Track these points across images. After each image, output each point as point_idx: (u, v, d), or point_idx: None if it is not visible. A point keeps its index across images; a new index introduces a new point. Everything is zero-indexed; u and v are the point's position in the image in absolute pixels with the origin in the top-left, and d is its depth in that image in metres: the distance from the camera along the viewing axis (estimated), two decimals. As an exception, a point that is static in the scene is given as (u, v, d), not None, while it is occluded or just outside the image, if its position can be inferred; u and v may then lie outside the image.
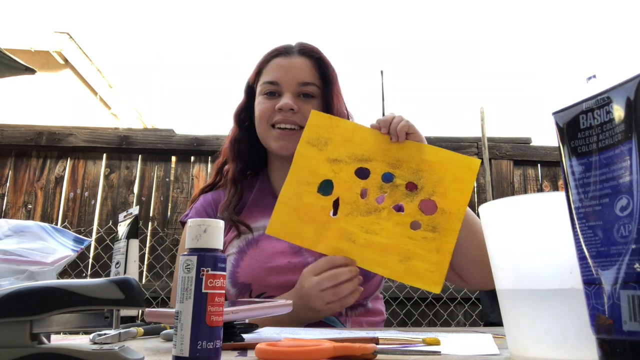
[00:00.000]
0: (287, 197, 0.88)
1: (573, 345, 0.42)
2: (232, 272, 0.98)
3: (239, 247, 1.00)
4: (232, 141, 1.11)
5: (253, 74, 1.10)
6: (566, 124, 0.39)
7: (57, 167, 2.48)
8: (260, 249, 0.98)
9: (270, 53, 1.08)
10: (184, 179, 2.48)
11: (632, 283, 0.33)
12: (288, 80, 1.03)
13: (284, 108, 1.01)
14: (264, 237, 0.99)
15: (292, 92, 1.03)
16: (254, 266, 0.96)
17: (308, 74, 1.05)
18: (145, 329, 0.68)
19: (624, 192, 0.34)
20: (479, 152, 2.52)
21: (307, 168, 0.89)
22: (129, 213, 0.89)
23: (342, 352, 0.47)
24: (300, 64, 1.05)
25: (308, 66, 1.05)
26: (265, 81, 1.05)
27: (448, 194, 0.87)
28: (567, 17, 42.86)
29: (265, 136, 1.05)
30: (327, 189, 0.89)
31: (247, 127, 1.11)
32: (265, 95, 1.05)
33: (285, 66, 1.05)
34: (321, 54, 1.08)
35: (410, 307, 2.31)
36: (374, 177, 0.88)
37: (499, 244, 0.50)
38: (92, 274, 2.31)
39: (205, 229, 0.45)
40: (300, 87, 1.04)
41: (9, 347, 0.41)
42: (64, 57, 5.37)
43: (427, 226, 0.86)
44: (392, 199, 0.88)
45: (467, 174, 0.87)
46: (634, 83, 0.35)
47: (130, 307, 0.44)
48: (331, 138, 0.90)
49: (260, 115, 1.04)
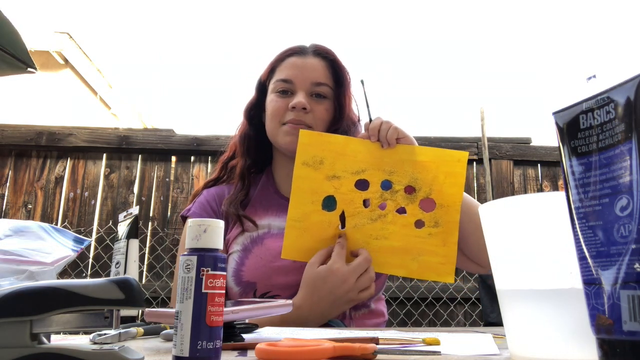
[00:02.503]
0: (294, 220, 0.90)
1: (573, 345, 0.42)
2: (236, 270, 0.97)
3: (243, 244, 1.00)
4: (242, 136, 1.12)
5: (266, 71, 1.10)
6: (566, 124, 0.39)
7: (57, 167, 2.48)
8: (266, 247, 0.98)
9: (285, 52, 1.09)
10: (184, 179, 2.48)
11: (632, 283, 0.33)
12: (302, 79, 1.04)
13: (297, 106, 1.01)
14: (269, 236, 0.99)
15: (306, 91, 1.04)
16: (259, 265, 0.96)
17: (322, 74, 1.05)
18: (145, 329, 0.68)
19: (624, 192, 0.34)
20: (479, 152, 2.52)
21: (307, 188, 0.91)
22: (129, 213, 0.89)
23: (342, 352, 0.47)
24: (315, 64, 1.06)
25: (322, 67, 1.06)
26: (279, 79, 1.06)
27: (444, 189, 0.91)
28: (567, 17, 42.84)
29: (275, 133, 1.05)
30: (330, 205, 0.91)
31: (256, 123, 1.11)
32: (278, 93, 1.05)
33: (299, 65, 1.05)
34: (335, 56, 1.08)
35: (410, 307, 2.31)
36: (373, 187, 0.92)
37: (499, 244, 0.50)
38: (92, 274, 2.31)
39: (205, 229, 0.45)
40: (313, 87, 1.04)
41: (9, 347, 0.41)
42: (64, 57, 5.37)
43: (430, 222, 0.91)
44: (394, 204, 0.92)
45: (458, 167, 0.91)
46: (634, 83, 0.35)
47: (130, 307, 0.44)
48: (325, 155, 0.92)
49: (273, 112, 1.04)
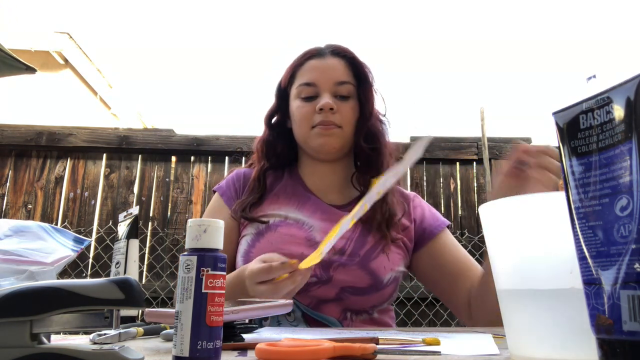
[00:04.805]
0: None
1: (573, 345, 0.42)
2: (246, 251, 1.00)
3: (258, 228, 1.02)
4: (262, 142, 1.13)
5: (285, 76, 1.11)
6: (566, 124, 0.39)
7: (57, 167, 2.48)
8: (278, 233, 1.00)
9: (303, 55, 1.09)
10: (184, 179, 2.48)
11: (632, 283, 0.33)
12: (325, 80, 1.04)
13: (324, 108, 1.01)
14: (284, 224, 1.01)
15: (330, 92, 1.04)
16: (268, 249, 0.97)
17: (343, 73, 1.06)
18: (145, 329, 0.68)
19: (624, 192, 0.34)
20: (479, 152, 2.52)
21: None
22: (129, 213, 0.89)
23: (342, 352, 0.47)
24: (335, 64, 1.06)
25: (342, 66, 1.07)
26: (301, 83, 1.06)
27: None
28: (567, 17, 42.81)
29: (307, 137, 1.05)
30: None
31: (278, 129, 1.12)
32: (302, 98, 1.05)
33: (320, 67, 1.06)
34: (353, 54, 1.09)
35: (410, 307, 2.31)
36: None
37: (499, 244, 0.50)
38: (92, 274, 2.31)
39: (206, 229, 0.45)
40: (337, 86, 1.04)
41: (9, 347, 0.41)
42: (64, 57, 5.37)
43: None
44: None
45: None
46: (634, 83, 0.35)
47: (130, 307, 0.44)
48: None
49: (301, 117, 1.05)
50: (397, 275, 1.01)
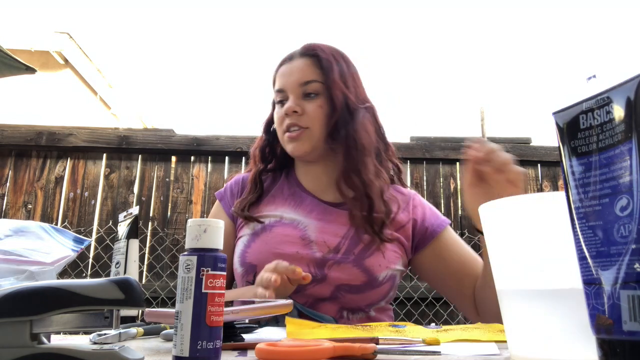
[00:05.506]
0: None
1: (573, 345, 0.42)
2: (242, 252, 1.02)
3: (254, 229, 1.04)
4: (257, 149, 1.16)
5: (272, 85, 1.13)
6: (566, 124, 0.39)
7: (57, 167, 2.48)
8: (273, 234, 1.01)
9: (279, 63, 1.11)
10: (184, 179, 2.48)
11: (632, 283, 0.33)
12: (290, 84, 1.05)
13: (288, 112, 1.03)
14: (280, 224, 1.03)
15: (296, 94, 1.05)
16: (263, 249, 0.99)
17: (307, 72, 1.05)
18: (145, 329, 0.68)
19: (624, 192, 0.34)
20: (479, 152, 2.52)
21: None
22: (129, 213, 0.89)
23: (342, 352, 0.47)
24: (300, 65, 1.07)
25: (308, 65, 1.06)
26: (275, 90, 1.09)
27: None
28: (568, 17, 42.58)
29: (283, 143, 1.08)
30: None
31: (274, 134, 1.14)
32: (278, 104, 1.08)
33: (287, 72, 1.07)
34: (319, 51, 1.07)
35: (410, 307, 2.31)
36: None
37: (498, 244, 0.50)
38: (92, 274, 2.31)
39: (206, 229, 0.45)
40: (301, 87, 1.05)
41: (9, 347, 0.41)
42: (64, 57, 5.37)
43: None
44: None
45: None
46: (634, 83, 0.35)
47: (130, 307, 0.44)
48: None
49: (277, 124, 1.08)
50: (393, 273, 1.01)
